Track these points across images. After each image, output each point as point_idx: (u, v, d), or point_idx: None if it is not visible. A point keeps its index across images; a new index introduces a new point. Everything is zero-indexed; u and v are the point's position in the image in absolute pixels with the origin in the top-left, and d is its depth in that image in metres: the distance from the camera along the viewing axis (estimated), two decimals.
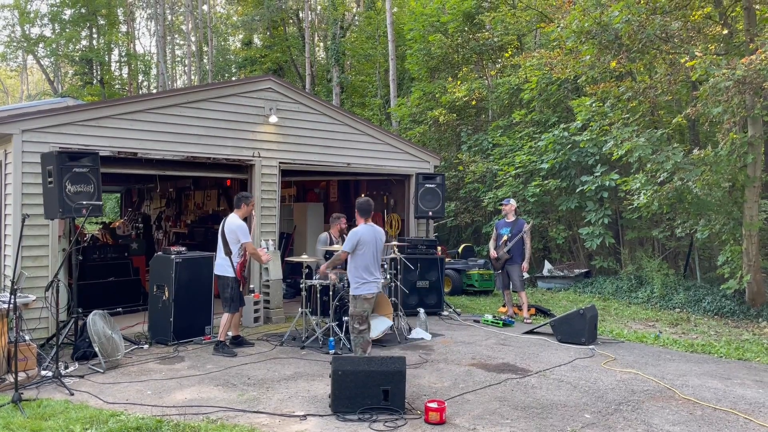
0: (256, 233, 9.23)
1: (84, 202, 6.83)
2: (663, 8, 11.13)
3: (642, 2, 10.92)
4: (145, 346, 7.64)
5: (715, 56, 10.19)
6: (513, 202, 10.39)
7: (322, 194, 14.60)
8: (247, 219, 7.94)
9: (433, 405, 5.10)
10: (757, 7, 10.73)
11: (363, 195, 13.65)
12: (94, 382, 6.16)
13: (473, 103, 18.29)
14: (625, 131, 11.28)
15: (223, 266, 7.59)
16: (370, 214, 6.73)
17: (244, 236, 7.48)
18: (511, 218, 10.00)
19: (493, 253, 9.92)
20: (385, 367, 5.30)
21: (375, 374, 5.27)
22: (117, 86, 35.95)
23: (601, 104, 12.84)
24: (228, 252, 7.52)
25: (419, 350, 7.69)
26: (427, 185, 10.91)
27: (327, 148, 10.21)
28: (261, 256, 7.85)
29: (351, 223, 13.40)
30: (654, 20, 10.42)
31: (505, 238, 9.83)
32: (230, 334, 7.71)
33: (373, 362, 5.39)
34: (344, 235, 9.17)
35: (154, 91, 33.77)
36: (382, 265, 8.39)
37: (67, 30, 32.86)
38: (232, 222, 7.55)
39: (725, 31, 11.41)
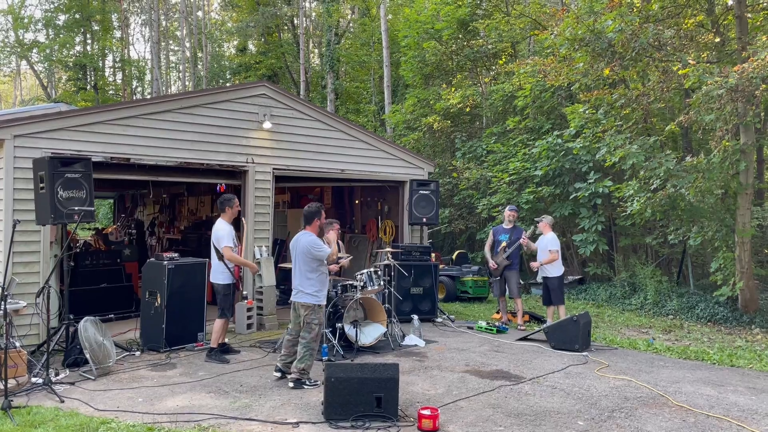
0: (249, 239, 9.20)
1: (76, 208, 6.79)
2: (656, 16, 11.22)
3: (635, 11, 10.99)
4: (137, 353, 7.59)
5: (707, 64, 10.25)
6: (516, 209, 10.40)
7: (316, 201, 14.57)
8: (239, 224, 7.89)
9: (427, 412, 5.08)
10: (749, 15, 10.81)
11: (357, 201, 13.70)
12: (84, 389, 6.11)
13: (467, 109, 18.34)
14: (618, 138, 11.32)
15: (215, 272, 7.53)
16: (309, 222, 6.52)
17: (221, 241, 7.27)
18: (509, 225, 9.99)
19: (492, 264, 9.87)
20: (378, 374, 5.29)
21: (368, 381, 5.25)
22: (111, 92, 35.85)
23: (594, 111, 12.89)
24: (220, 257, 7.47)
25: (413, 357, 7.67)
26: (422, 192, 10.91)
27: (321, 155, 10.20)
28: (241, 260, 7.62)
29: (343, 230, 13.46)
30: (647, 28, 10.49)
31: (504, 244, 9.81)
32: (222, 340, 7.66)
33: (366, 369, 5.37)
34: (337, 241, 9.17)
35: (148, 96, 33.72)
36: (376, 271, 8.38)
37: (61, 35, 32.77)
38: (217, 227, 7.44)
39: (717, 39, 11.49)
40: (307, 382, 6.32)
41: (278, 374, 6.55)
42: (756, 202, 10.81)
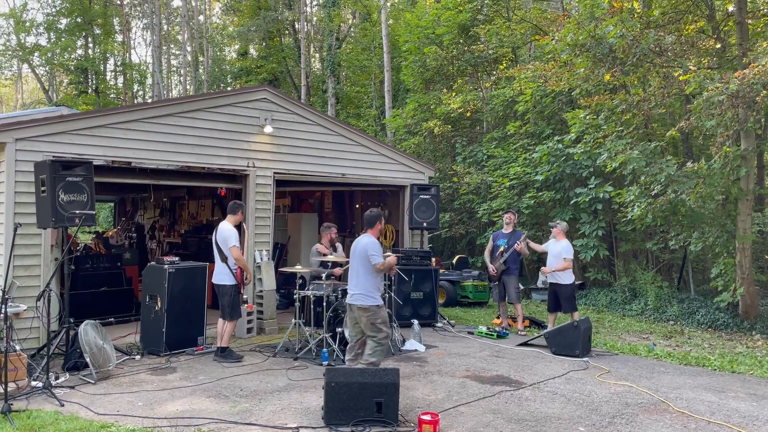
0: (249, 243, 9.21)
1: (77, 212, 6.80)
2: (657, 22, 11.24)
3: (636, 17, 11.01)
4: (137, 357, 7.58)
5: (708, 70, 10.27)
6: (514, 213, 10.40)
7: (316, 205, 14.58)
8: (239, 229, 7.91)
9: (427, 417, 5.07)
10: (750, 21, 10.83)
11: (357, 206, 13.69)
12: (84, 393, 6.11)
13: (468, 114, 18.35)
14: (618, 144, 11.33)
15: (221, 274, 7.57)
16: (370, 226, 6.65)
17: (229, 241, 7.46)
18: (509, 229, 9.99)
19: (492, 269, 9.87)
20: (378, 379, 5.28)
21: (368, 386, 5.24)
22: (112, 95, 35.91)
23: (595, 117, 12.90)
24: (224, 258, 7.51)
25: (413, 362, 7.66)
26: (422, 196, 10.91)
27: (322, 159, 10.21)
28: (245, 263, 7.78)
29: (343, 234, 13.45)
30: (648, 34, 10.51)
31: (501, 249, 9.82)
32: (221, 343, 7.68)
33: (366, 374, 5.36)
34: (335, 245, 9.18)
35: (150, 100, 33.78)
36: None
37: (62, 39, 32.82)
38: (223, 228, 7.56)
39: (718, 45, 11.52)
40: None
41: None
42: (757, 208, 10.81)
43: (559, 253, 9.23)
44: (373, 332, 6.21)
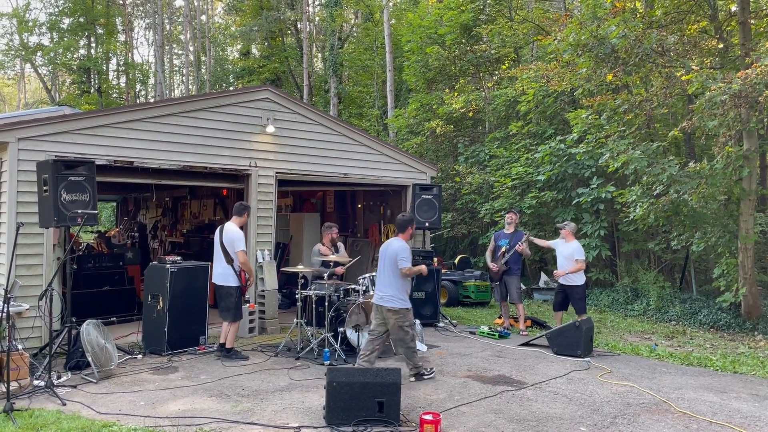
0: (252, 243, 9.21)
1: (79, 211, 6.80)
2: (659, 22, 11.22)
3: (638, 17, 10.99)
4: (139, 356, 7.59)
5: (710, 70, 10.25)
6: (516, 212, 10.39)
7: (318, 204, 14.59)
8: (242, 228, 7.92)
9: (428, 417, 5.06)
10: (752, 21, 10.81)
11: (359, 205, 13.69)
12: (86, 392, 6.11)
13: (470, 114, 18.35)
14: (621, 144, 11.32)
15: (225, 275, 7.60)
16: (402, 230, 6.87)
17: (237, 244, 7.53)
18: (511, 230, 9.98)
19: (493, 267, 9.86)
20: (380, 379, 5.28)
21: (370, 386, 5.24)
22: (114, 95, 35.94)
23: (597, 117, 12.89)
24: (229, 260, 7.54)
25: None
26: (424, 196, 10.91)
27: (324, 159, 10.21)
28: (251, 269, 7.88)
29: (345, 234, 13.46)
30: (650, 34, 10.49)
31: (503, 249, 9.81)
32: (224, 340, 7.70)
33: (368, 374, 5.36)
34: (336, 245, 9.19)
35: (152, 100, 33.81)
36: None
37: (65, 39, 32.87)
38: (231, 230, 7.59)
39: (721, 45, 11.50)
40: (425, 373, 6.81)
41: None
42: (759, 208, 10.79)
43: (570, 254, 9.15)
44: (401, 336, 6.56)
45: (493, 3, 18.38)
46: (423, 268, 6.83)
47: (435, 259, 10.81)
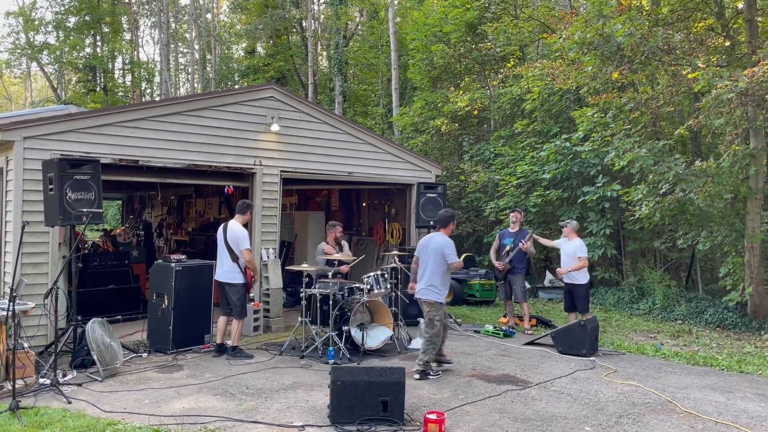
0: (256, 241, 9.22)
1: (84, 210, 6.82)
2: (665, 20, 11.16)
3: (644, 14, 10.94)
4: (144, 355, 7.61)
5: (717, 68, 10.20)
6: (520, 211, 10.36)
7: (323, 203, 14.60)
8: (246, 226, 7.94)
9: (433, 416, 5.06)
10: (759, 19, 10.75)
11: (364, 204, 13.69)
12: (92, 390, 6.13)
13: (475, 113, 18.32)
14: (626, 142, 11.27)
15: (231, 273, 7.63)
16: (444, 225, 7.01)
17: (242, 243, 7.56)
18: (516, 228, 9.96)
19: (498, 265, 9.85)
20: (384, 378, 5.27)
21: (374, 385, 5.24)
22: (120, 94, 36.04)
23: (602, 115, 12.85)
24: (235, 258, 7.56)
25: None
26: (429, 195, 10.89)
27: (328, 157, 10.21)
28: (256, 267, 7.90)
29: (350, 232, 13.46)
30: (656, 32, 10.45)
31: (507, 248, 9.79)
32: (221, 340, 7.72)
33: (372, 373, 5.36)
34: (340, 243, 9.19)
35: (157, 98, 33.87)
36: (383, 274, 8.36)
37: (71, 37, 32.99)
38: (235, 228, 7.61)
39: (727, 43, 11.43)
40: (431, 373, 6.79)
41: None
42: (766, 206, 10.73)
43: (573, 252, 9.14)
44: (428, 328, 6.70)
45: (499, 1, 18.32)
46: (461, 263, 7.03)
47: None
